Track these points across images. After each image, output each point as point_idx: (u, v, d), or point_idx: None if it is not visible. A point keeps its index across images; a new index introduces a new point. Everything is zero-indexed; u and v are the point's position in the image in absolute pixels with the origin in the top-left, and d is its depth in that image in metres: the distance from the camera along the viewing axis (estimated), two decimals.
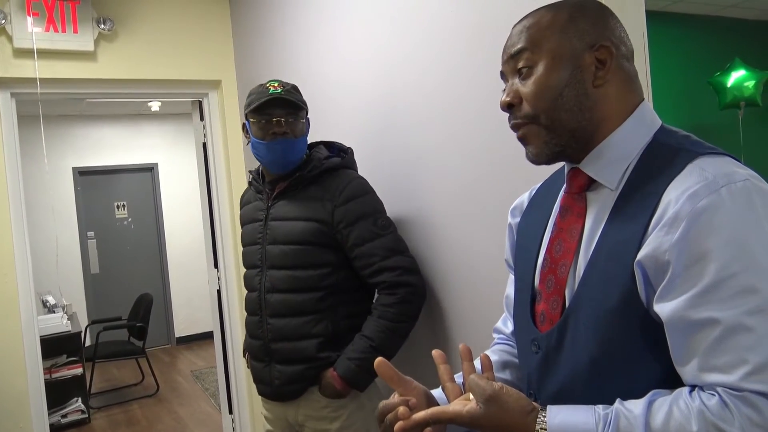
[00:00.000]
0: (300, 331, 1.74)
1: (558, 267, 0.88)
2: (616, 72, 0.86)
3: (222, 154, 3.39)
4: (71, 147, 6.56)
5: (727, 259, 0.70)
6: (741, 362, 0.68)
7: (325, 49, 2.36)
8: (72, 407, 4.46)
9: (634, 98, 0.87)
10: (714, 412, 0.67)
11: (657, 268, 0.74)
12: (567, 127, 0.86)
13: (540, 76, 0.86)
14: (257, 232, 1.86)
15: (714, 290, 0.70)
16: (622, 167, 0.84)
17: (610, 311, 0.79)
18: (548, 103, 0.85)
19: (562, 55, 0.85)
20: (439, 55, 1.71)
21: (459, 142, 1.67)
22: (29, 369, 2.93)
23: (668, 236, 0.73)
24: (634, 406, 0.73)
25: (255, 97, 1.78)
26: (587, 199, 0.88)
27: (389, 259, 1.73)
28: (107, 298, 6.61)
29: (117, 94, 3.30)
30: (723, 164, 0.76)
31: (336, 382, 1.72)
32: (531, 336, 0.92)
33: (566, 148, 0.87)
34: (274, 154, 1.77)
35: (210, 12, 3.33)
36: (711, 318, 0.70)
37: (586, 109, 0.85)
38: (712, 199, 0.72)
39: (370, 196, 1.80)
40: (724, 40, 5.13)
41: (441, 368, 0.91)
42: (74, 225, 6.55)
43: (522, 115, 0.88)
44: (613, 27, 0.87)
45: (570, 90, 0.84)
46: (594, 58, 0.85)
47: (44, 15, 2.89)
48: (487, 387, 0.79)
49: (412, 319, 1.76)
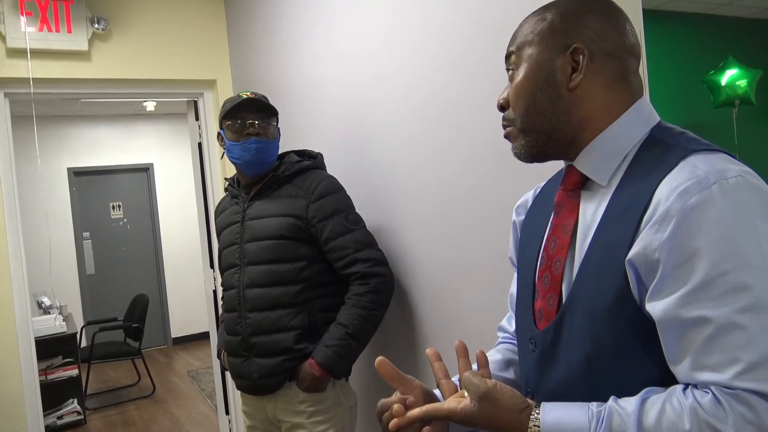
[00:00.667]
0: (278, 323, 1.81)
1: (553, 263, 0.88)
2: (596, 72, 0.85)
3: (217, 154, 3.38)
4: (66, 147, 6.53)
5: (717, 257, 0.69)
6: (733, 361, 0.67)
7: (320, 48, 2.36)
8: (68, 408, 4.45)
9: (626, 95, 0.86)
10: (707, 410, 0.67)
11: (648, 267, 0.74)
12: (541, 130, 0.87)
13: (517, 81, 0.89)
14: (235, 233, 1.93)
15: (705, 288, 0.70)
16: (614, 164, 0.84)
17: (603, 309, 0.78)
18: (523, 108, 0.88)
19: (537, 61, 0.87)
20: (439, 53, 1.71)
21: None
22: (24, 370, 2.92)
23: (658, 234, 0.73)
24: (627, 404, 0.73)
25: (229, 103, 1.89)
26: (582, 197, 0.88)
27: (361, 251, 1.83)
28: (103, 299, 6.59)
29: (111, 94, 3.29)
30: (716, 161, 0.75)
31: (315, 370, 1.77)
32: (529, 334, 0.92)
33: (545, 149, 0.89)
34: (249, 153, 1.85)
35: (205, 11, 3.32)
36: (702, 316, 0.69)
37: (561, 112, 0.86)
38: (702, 196, 0.71)
39: (341, 194, 1.91)
40: (720, 38, 5.14)
41: (435, 366, 0.91)
42: (69, 225, 6.53)
43: (505, 117, 0.91)
44: (590, 24, 0.85)
45: (543, 95, 0.86)
46: (570, 60, 0.85)
47: (38, 15, 2.88)
48: (481, 384, 0.79)
49: (383, 307, 1.85)
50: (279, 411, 1.88)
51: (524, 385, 0.94)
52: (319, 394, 1.82)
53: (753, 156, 5.07)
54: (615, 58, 0.86)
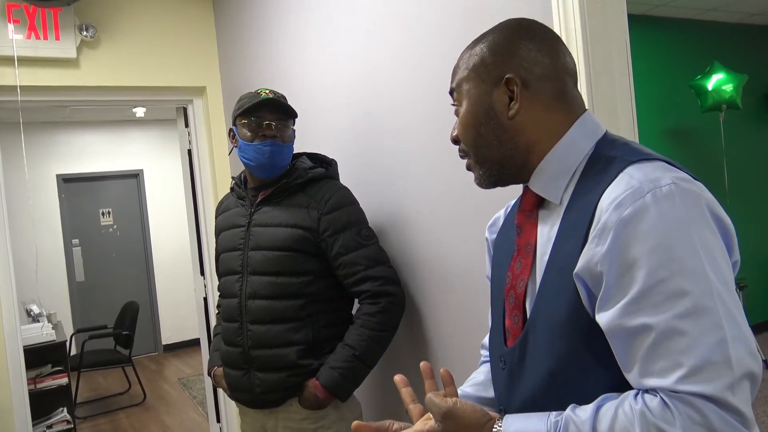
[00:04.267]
0: (281, 338, 1.74)
1: (517, 283, 0.90)
2: (533, 97, 0.87)
3: (207, 161, 3.38)
4: (55, 154, 6.49)
5: (654, 265, 0.71)
6: (676, 366, 0.69)
7: (309, 54, 2.36)
8: (57, 417, 4.40)
9: (566, 114, 0.88)
10: (656, 414, 0.69)
11: (593, 280, 0.76)
12: (492, 159, 0.90)
13: (462, 117, 0.92)
14: (239, 237, 1.84)
15: (645, 297, 0.71)
16: (564, 181, 0.86)
17: (560, 324, 0.80)
18: (471, 141, 0.91)
19: (475, 96, 0.90)
20: (423, 59, 1.72)
21: (443, 147, 1.67)
22: (12, 380, 2.89)
23: (599, 247, 0.75)
24: (582, 412, 0.75)
25: (246, 101, 1.79)
26: (540, 216, 0.90)
27: (372, 268, 1.75)
28: (93, 307, 6.54)
29: (100, 102, 3.28)
30: (651, 170, 0.76)
31: (319, 392, 1.71)
32: (499, 352, 0.94)
33: (501, 176, 0.92)
34: (263, 156, 1.76)
35: (194, 18, 3.32)
36: (644, 324, 0.71)
37: (506, 140, 0.88)
38: (637, 207, 0.73)
39: (355, 207, 1.83)
40: (706, 43, 5.20)
41: (403, 391, 0.93)
42: (59, 233, 6.48)
43: (461, 150, 0.95)
44: (520, 53, 0.88)
45: (486, 127, 0.89)
46: (505, 91, 0.87)
47: (25, 22, 2.86)
48: (442, 404, 0.81)
49: (393, 328, 1.78)
50: (279, 426, 1.82)
51: (497, 403, 0.96)
52: (320, 410, 1.76)
53: (740, 159, 5.13)
54: (549, 81, 0.88)
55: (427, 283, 1.80)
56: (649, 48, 4.82)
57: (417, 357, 1.85)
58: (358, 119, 2.08)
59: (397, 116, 1.86)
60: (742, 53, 5.30)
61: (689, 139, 5.04)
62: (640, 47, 3.53)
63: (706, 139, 5.03)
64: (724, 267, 0.74)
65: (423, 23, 1.71)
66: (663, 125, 4.99)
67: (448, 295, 1.72)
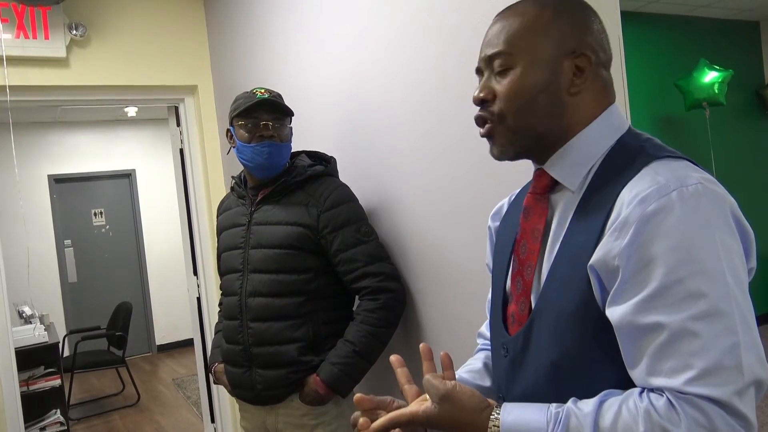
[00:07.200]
0: (282, 335, 1.74)
1: (524, 269, 0.89)
2: (593, 80, 0.86)
3: (199, 160, 3.36)
4: (46, 154, 6.45)
5: (673, 264, 0.70)
6: (686, 367, 0.68)
7: (300, 53, 2.35)
8: (51, 419, 4.37)
9: (605, 104, 0.88)
10: (661, 413, 0.68)
11: (609, 273, 0.75)
12: (534, 131, 0.86)
13: (516, 78, 0.84)
14: (239, 236, 1.85)
15: (660, 295, 0.71)
16: (584, 170, 0.84)
17: (568, 315, 0.79)
18: (519, 106, 0.85)
19: (540, 60, 0.84)
20: (414, 57, 1.71)
21: (433, 143, 1.67)
22: (4, 382, 2.87)
23: (618, 241, 0.74)
24: (585, 405, 0.74)
25: (242, 101, 1.79)
26: (551, 201, 0.88)
27: (372, 265, 1.75)
28: (85, 307, 6.51)
29: (91, 101, 3.26)
30: (678, 168, 0.76)
31: (319, 387, 1.72)
32: (501, 339, 0.93)
33: (531, 149, 0.89)
34: (261, 157, 1.77)
35: (185, 16, 3.30)
36: (657, 323, 0.70)
37: (557, 115, 0.85)
38: (661, 203, 0.72)
39: (354, 204, 1.84)
40: (695, 39, 5.21)
41: (398, 372, 0.92)
42: (51, 233, 6.44)
43: (491, 112, 0.87)
44: (596, 33, 0.87)
45: (544, 96, 0.84)
46: (573, 65, 0.84)
47: (14, 21, 2.84)
48: (441, 386, 0.80)
49: (393, 325, 1.78)
50: (280, 423, 1.82)
51: (496, 390, 0.94)
52: (321, 406, 1.77)
53: (727, 155, 5.15)
54: (604, 69, 0.88)
55: (422, 276, 1.80)
56: (641, 44, 4.83)
57: (411, 347, 1.85)
58: (350, 116, 2.07)
59: (389, 113, 1.86)
60: (731, 49, 5.32)
61: (679, 135, 5.05)
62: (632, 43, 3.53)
63: (695, 134, 5.05)
64: (742, 272, 0.73)
65: (413, 21, 1.70)
66: (654, 120, 4.99)
67: (441, 287, 1.73)
